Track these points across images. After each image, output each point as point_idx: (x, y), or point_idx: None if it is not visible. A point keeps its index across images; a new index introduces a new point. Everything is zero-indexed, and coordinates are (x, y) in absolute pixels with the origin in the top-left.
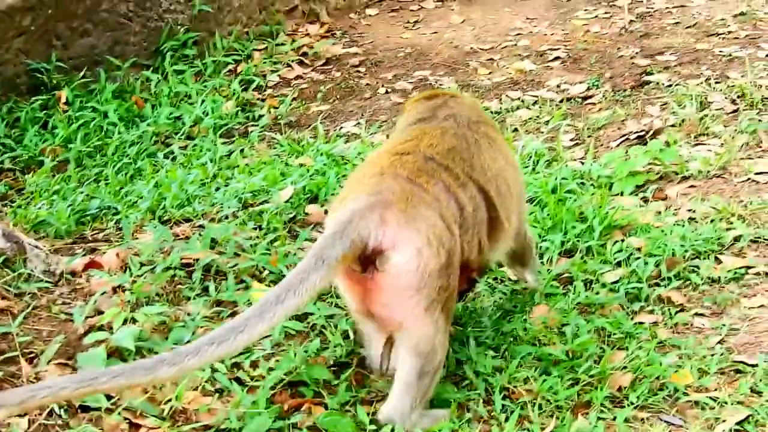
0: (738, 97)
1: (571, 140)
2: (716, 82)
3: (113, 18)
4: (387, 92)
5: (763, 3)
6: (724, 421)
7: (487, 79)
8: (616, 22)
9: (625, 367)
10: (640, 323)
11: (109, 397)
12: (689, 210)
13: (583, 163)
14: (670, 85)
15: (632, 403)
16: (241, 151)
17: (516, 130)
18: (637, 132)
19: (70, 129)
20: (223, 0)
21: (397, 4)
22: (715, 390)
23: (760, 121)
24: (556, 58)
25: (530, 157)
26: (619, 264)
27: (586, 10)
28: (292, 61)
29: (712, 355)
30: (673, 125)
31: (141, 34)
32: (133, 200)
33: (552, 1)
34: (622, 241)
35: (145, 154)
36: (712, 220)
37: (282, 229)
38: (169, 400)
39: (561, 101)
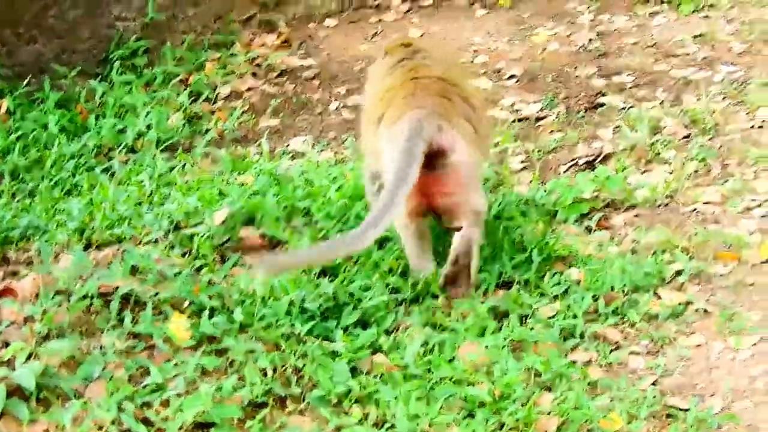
0: (691, 122)
1: (521, 163)
2: (671, 106)
3: (61, 25)
4: (338, 108)
5: (723, 24)
6: None
7: None
8: (575, 40)
9: (553, 411)
10: (573, 362)
11: None
12: (633, 241)
13: (529, 188)
14: (624, 108)
15: None
16: (183, 167)
17: None
18: (586, 157)
19: (9, 140)
20: (176, 8)
21: (357, 15)
22: None
23: (711, 148)
24: (512, 76)
25: None
26: (556, 297)
27: (546, 26)
28: (246, 72)
29: (645, 397)
30: (623, 150)
31: (90, 42)
32: (63, 219)
33: (513, 16)
34: (562, 273)
35: (84, 168)
36: (654, 253)
37: (211, 254)
38: None
39: (513, 122)
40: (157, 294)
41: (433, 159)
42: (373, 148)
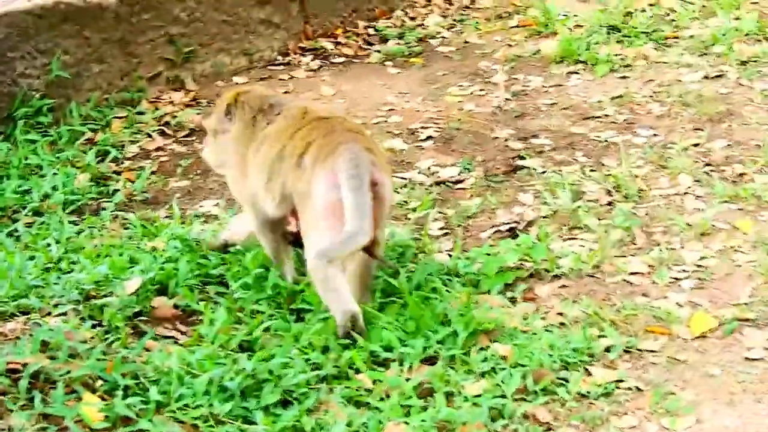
0: (613, 187)
1: (440, 229)
2: (591, 170)
3: None
4: None
5: (641, 86)
6: None
7: None
8: (491, 99)
9: None
10: None
11: None
12: (559, 313)
13: (450, 256)
14: (544, 172)
15: None
16: (91, 231)
17: None
18: (508, 223)
19: None
20: (81, 65)
21: (267, 72)
22: None
23: (635, 215)
24: (429, 137)
25: (395, 248)
26: (483, 375)
27: (460, 86)
28: (154, 130)
29: None
30: (545, 216)
31: None
32: None
33: (425, 75)
34: (488, 347)
35: None
36: (583, 327)
37: (123, 327)
38: None
39: (431, 185)
40: (68, 372)
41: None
42: (282, 190)
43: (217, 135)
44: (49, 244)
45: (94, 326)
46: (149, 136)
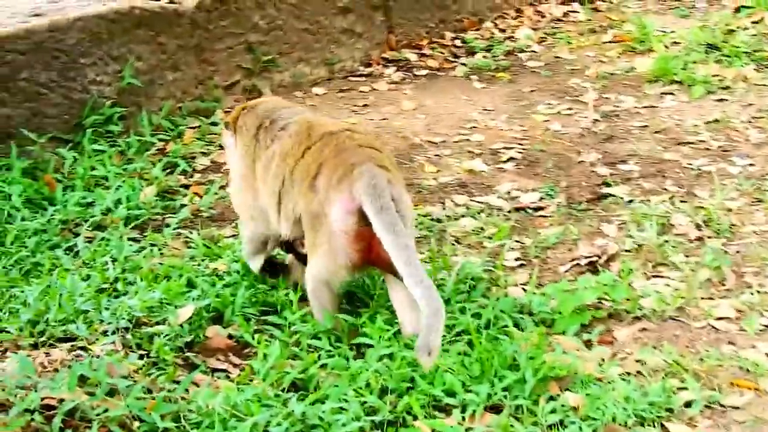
0: (704, 221)
1: (516, 260)
2: (681, 201)
3: (32, 87)
4: None
5: (739, 110)
6: None
7: (433, 179)
8: (579, 120)
9: None
10: None
11: None
12: (638, 361)
13: (525, 290)
14: (631, 201)
15: None
16: (152, 249)
17: (457, 242)
18: (588, 256)
19: None
20: (155, 73)
21: (348, 84)
22: None
23: (725, 252)
24: (510, 158)
25: (465, 281)
26: (551, 428)
27: (548, 104)
28: None
29: None
30: (628, 250)
31: (62, 107)
32: (16, 308)
33: (512, 91)
34: (558, 396)
35: (46, 245)
36: (662, 377)
37: (172, 359)
38: None
39: (510, 211)
40: (105, 410)
41: None
42: (294, 213)
43: (227, 149)
44: (106, 263)
45: (141, 356)
46: (221, 147)
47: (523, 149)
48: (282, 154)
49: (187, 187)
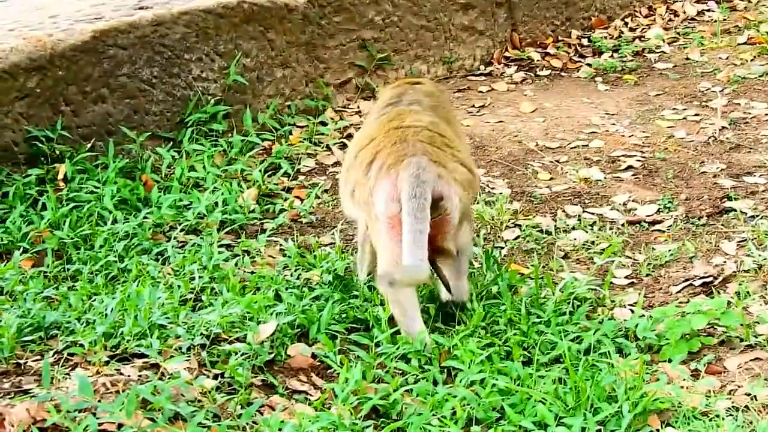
0: None
1: (626, 277)
2: None
3: (134, 83)
4: None
5: None
6: None
7: (546, 187)
8: (706, 127)
9: None
10: None
11: None
12: (747, 394)
13: (632, 312)
14: (754, 217)
15: None
16: (244, 257)
17: (566, 256)
18: (703, 276)
19: (60, 212)
20: (262, 70)
21: (466, 83)
22: None
23: None
24: (629, 167)
25: (568, 301)
26: None
27: (674, 109)
28: (334, 143)
29: None
30: (747, 271)
31: (164, 104)
32: (93, 319)
33: (637, 95)
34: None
35: (135, 250)
36: None
37: (247, 380)
38: None
39: (623, 224)
40: None
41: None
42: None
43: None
44: (193, 272)
45: (216, 377)
46: (328, 149)
47: (643, 157)
48: (359, 138)
49: (289, 190)
